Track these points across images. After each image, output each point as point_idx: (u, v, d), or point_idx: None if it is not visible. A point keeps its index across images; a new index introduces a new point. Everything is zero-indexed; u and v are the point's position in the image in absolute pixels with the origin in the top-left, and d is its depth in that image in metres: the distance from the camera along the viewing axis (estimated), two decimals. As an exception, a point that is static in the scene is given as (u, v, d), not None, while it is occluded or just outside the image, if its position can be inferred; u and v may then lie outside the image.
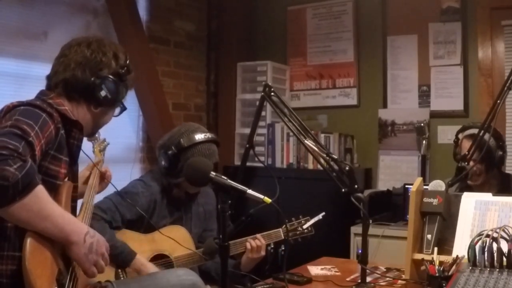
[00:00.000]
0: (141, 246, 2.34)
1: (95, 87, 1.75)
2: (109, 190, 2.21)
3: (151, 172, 2.60)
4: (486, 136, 2.63)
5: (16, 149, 1.38)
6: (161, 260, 2.41)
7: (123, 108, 1.90)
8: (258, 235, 2.50)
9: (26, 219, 1.42)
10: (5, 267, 1.50)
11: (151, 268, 2.31)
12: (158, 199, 2.46)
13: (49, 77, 1.79)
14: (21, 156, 1.38)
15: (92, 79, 1.75)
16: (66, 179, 1.68)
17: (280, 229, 2.54)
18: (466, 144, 2.88)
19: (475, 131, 2.87)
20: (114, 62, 1.80)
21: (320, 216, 2.58)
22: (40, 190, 1.43)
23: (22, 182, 1.36)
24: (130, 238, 2.35)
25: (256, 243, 2.47)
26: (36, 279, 1.42)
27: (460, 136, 2.99)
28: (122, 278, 2.27)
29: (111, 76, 1.77)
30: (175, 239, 2.38)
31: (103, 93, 1.76)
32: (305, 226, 2.57)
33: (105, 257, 1.64)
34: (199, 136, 2.46)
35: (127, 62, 1.84)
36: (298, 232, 2.57)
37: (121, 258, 2.24)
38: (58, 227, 1.49)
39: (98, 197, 2.15)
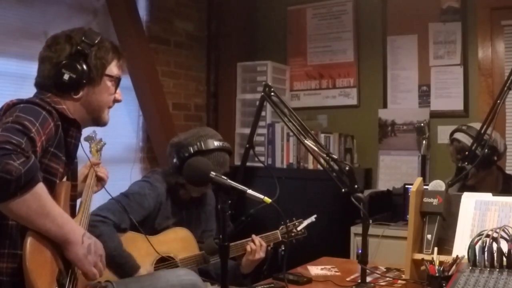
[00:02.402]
0: (146, 248, 2.33)
1: (57, 76, 1.71)
2: (114, 191, 2.20)
3: (155, 173, 2.58)
4: (466, 139, 2.67)
5: (19, 145, 1.39)
6: (166, 262, 2.41)
7: (114, 79, 1.82)
8: (253, 236, 2.50)
9: (26, 215, 1.42)
10: (6, 265, 1.50)
11: None
12: (163, 201, 2.46)
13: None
14: (24, 152, 1.38)
15: (53, 69, 1.72)
16: (64, 179, 1.68)
17: (278, 230, 2.55)
18: (451, 148, 2.94)
19: (457, 135, 2.92)
20: (68, 44, 1.75)
21: (313, 218, 2.59)
22: (41, 188, 1.44)
23: (25, 178, 1.36)
24: (137, 241, 2.34)
25: (256, 245, 2.47)
26: (36, 279, 1.42)
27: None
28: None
29: (65, 59, 1.72)
30: (180, 241, 2.38)
31: (66, 76, 1.71)
32: (299, 228, 2.59)
33: (103, 260, 1.64)
34: (217, 143, 2.47)
35: (83, 37, 1.76)
36: (293, 234, 2.58)
37: (124, 269, 2.24)
38: (57, 226, 1.49)
39: (99, 196, 2.14)
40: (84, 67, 1.73)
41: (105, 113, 1.84)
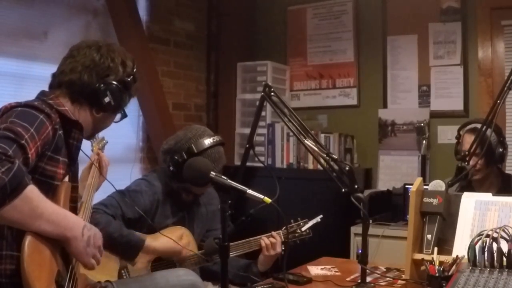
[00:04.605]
0: None
1: (100, 93, 1.75)
2: (111, 189, 2.21)
3: (155, 172, 2.59)
4: (488, 132, 2.62)
5: (4, 152, 1.37)
6: (164, 261, 2.40)
7: (124, 115, 1.91)
8: (274, 233, 2.51)
9: (18, 220, 1.42)
10: (4, 266, 1.50)
11: (163, 245, 2.31)
12: (161, 199, 2.46)
13: (54, 76, 1.79)
14: (9, 159, 1.37)
15: (98, 84, 1.75)
16: (65, 180, 1.68)
17: (280, 231, 2.55)
18: (468, 138, 2.87)
19: (477, 125, 2.87)
20: (122, 69, 1.81)
21: (318, 219, 2.59)
22: (31, 190, 1.42)
23: (10, 185, 1.35)
24: None
25: (271, 240, 2.48)
26: (34, 281, 1.42)
27: (462, 132, 2.98)
28: (125, 278, 2.26)
29: (116, 83, 1.78)
30: (177, 240, 2.37)
31: (107, 99, 1.76)
32: (303, 229, 2.58)
33: (101, 249, 1.66)
34: (208, 141, 2.46)
35: (134, 70, 1.85)
36: (296, 235, 2.57)
37: (129, 246, 2.24)
38: (53, 224, 1.49)
39: (98, 195, 2.14)
40: (124, 100, 1.83)
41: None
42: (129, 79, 1.82)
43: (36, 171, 1.54)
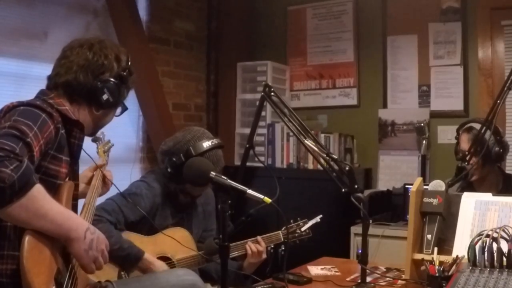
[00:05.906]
0: (143, 248, 2.33)
1: (97, 91, 1.76)
2: (112, 191, 2.20)
3: (153, 173, 2.58)
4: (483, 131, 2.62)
5: (12, 150, 1.38)
6: (164, 262, 2.40)
7: (124, 108, 1.91)
8: (259, 238, 2.50)
9: (24, 218, 1.42)
10: (5, 266, 1.50)
11: (160, 266, 2.30)
12: (160, 201, 2.45)
13: (49, 78, 1.79)
14: (17, 157, 1.38)
15: (94, 82, 1.75)
16: (67, 179, 1.68)
17: (280, 231, 2.54)
18: (464, 138, 2.89)
19: (473, 124, 2.89)
20: (116, 64, 1.81)
21: (318, 219, 2.59)
22: (37, 189, 1.43)
23: (19, 183, 1.36)
24: (133, 241, 2.34)
25: (257, 248, 2.47)
26: (33, 278, 1.42)
27: (460, 132, 2.98)
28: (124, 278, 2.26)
29: (113, 80, 1.78)
30: (177, 241, 2.37)
31: (105, 96, 1.77)
32: (303, 229, 2.58)
33: (105, 254, 1.64)
34: (206, 144, 2.45)
35: (129, 63, 1.85)
36: (296, 235, 2.57)
37: (128, 259, 2.24)
38: (56, 224, 1.49)
39: (100, 199, 2.14)
40: (122, 95, 1.83)
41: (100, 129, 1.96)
42: (124, 73, 1.82)
43: (39, 170, 1.54)
